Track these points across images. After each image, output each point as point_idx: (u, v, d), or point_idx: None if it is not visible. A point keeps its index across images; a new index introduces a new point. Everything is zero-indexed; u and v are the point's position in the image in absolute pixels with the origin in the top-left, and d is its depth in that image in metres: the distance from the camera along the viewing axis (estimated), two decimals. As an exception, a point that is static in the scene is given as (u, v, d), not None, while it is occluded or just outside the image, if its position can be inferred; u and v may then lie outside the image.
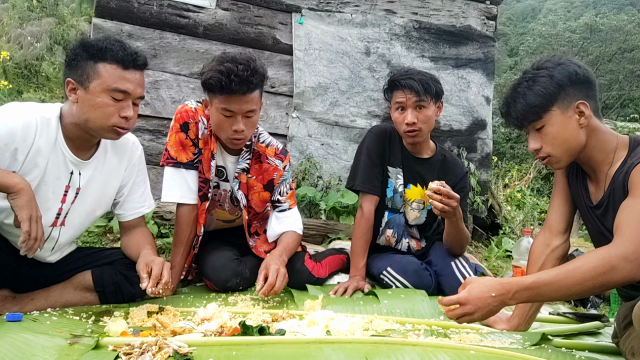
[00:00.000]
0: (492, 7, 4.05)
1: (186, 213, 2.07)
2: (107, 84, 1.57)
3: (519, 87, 1.56)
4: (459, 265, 2.19)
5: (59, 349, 1.31)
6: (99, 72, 1.57)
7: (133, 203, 1.90)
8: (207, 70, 1.90)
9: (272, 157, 2.17)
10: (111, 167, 1.80)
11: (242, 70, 1.83)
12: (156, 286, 1.62)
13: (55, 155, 1.61)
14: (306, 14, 3.62)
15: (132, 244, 1.86)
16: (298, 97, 3.57)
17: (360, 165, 2.36)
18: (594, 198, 1.61)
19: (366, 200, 2.33)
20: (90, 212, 1.80)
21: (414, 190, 2.36)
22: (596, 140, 1.54)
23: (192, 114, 2.05)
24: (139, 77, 1.64)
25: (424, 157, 2.36)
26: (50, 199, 1.64)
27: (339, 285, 2.20)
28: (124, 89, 1.59)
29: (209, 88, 1.90)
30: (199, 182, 2.07)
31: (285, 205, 2.22)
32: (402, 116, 2.22)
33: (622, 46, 17.77)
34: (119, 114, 1.60)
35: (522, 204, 4.57)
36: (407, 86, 2.19)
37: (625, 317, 1.52)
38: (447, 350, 1.45)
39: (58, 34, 7.48)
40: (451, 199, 2.02)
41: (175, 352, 1.27)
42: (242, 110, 1.90)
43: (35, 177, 1.57)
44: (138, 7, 3.31)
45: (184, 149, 2.05)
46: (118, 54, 1.58)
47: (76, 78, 1.59)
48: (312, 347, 1.40)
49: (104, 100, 1.57)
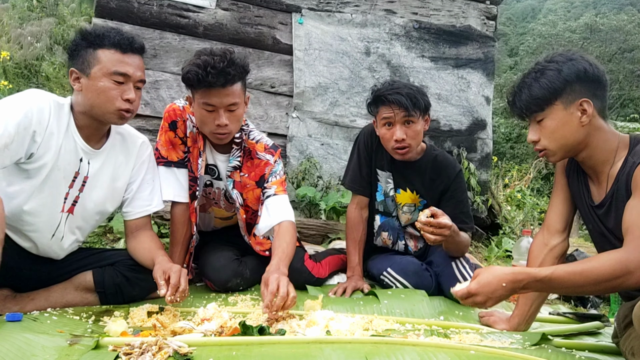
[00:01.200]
0: (492, 7, 4.05)
1: (180, 212, 2.06)
2: (107, 68, 1.62)
3: (527, 77, 1.57)
4: (459, 266, 2.19)
5: (59, 349, 1.31)
6: (99, 57, 1.62)
7: (141, 201, 1.90)
8: (186, 65, 1.89)
9: (262, 152, 2.13)
10: (120, 163, 1.83)
11: (219, 62, 1.81)
12: (174, 294, 1.63)
13: (67, 141, 1.66)
14: (306, 14, 3.62)
15: (142, 248, 1.85)
16: (298, 97, 3.57)
17: (351, 164, 2.38)
18: (595, 198, 1.61)
19: (354, 200, 2.36)
20: (99, 204, 1.80)
21: (404, 195, 2.33)
22: (598, 140, 1.54)
23: (179, 112, 2.04)
24: (137, 60, 1.69)
25: (412, 161, 2.27)
26: (62, 184, 1.68)
27: (338, 285, 2.20)
28: (124, 71, 1.63)
29: (188, 83, 1.89)
30: (188, 181, 2.07)
31: (271, 191, 2.08)
32: (390, 132, 2.13)
33: (622, 46, 17.78)
34: (121, 97, 1.64)
35: (522, 204, 4.57)
36: (394, 102, 2.08)
37: (626, 317, 1.53)
38: (447, 350, 1.45)
39: (58, 34, 7.47)
40: (443, 228, 1.94)
41: (175, 352, 1.27)
42: (223, 104, 1.88)
43: (50, 159, 1.61)
44: (138, 7, 3.31)
45: (174, 148, 2.05)
46: (115, 39, 1.63)
47: (78, 67, 1.64)
48: (312, 347, 1.40)
49: (105, 84, 1.62)
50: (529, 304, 1.79)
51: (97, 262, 1.84)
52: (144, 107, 3.28)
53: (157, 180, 1.98)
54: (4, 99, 1.57)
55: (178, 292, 1.63)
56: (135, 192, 1.89)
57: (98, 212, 1.83)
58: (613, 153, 1.53)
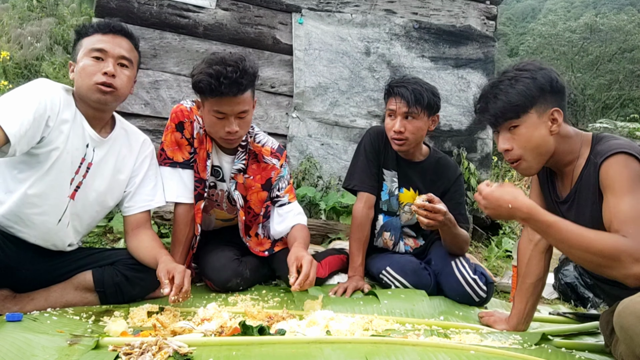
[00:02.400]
0: (492, 7, 4.05)
1: (184, 212, 2.07)
2: (86, 49, 1.72)
3: (501, 84, 1.58)
4: (459, 265, 2.19)
5: (59, 349, 1.32)
6: (83, 43, 1.74)
7: (143, 195, 1.92)
8: (196, 72, 1.90)
9: (268, 156, 2.17)
10: (123, 155, 1.86)
11: (232, 72, 1.83)
12: (177, 294, 1.64)
13: (76, 127, 1.72)
14: (306, 14, 3.62)
15: (144, 247, 1.85)
16: (298, 97, 3.57)
17: (358, 165, 2.37)
18: (561, 193, 1.65)
19: (362, 199, 2.33)
20: (100, 193, 1.82)
21: (406, 194, 2.37)
22: (564, 145, 1.58)
23: (187, 113, 2.05)
24: (118, 39, 1.75)
25: (416, 161, 2.36)
26: (69, 169, 1.71)
27: (339, 285, 2.20)
28: (100, 47, 1.70)
29: (199, 90, 1.91)
30: (194, 182, 2.07)
31: (285, 199, 2.20)
32: (392, 122, 2.22)
33: (622, 46, 17.76)
34: (100, 72, 1.69)
35: (522, 204, 4.56)
36: (398, 94, 2.18)
37: (608, 323, 1.53)
38: (447, 350, 1.46)
39: (58, 34, 7.47)
40: (437, 213, 2.02)
41: (175, 352, 1.27)
42: (234, 112, 1.91)
43: (61, 143, 1.66)
44: (138, 7, 3.31)
45: (180, 149, 2.05)
46: (96, 25, 1.75)
47: (73, 58, 1.77)
48: (312, 347, 1.40)
49: (85, 62, 1.70)
50: (524, 301, 1.80)
51: (96, 262, 1.84)
52: (144, 107, 3.28)
53: (160, 177, 2.00)
54: (16, 88, 1.64)
55: (181, 293, 1.64)
56: (137, 186, 1.90)
57: (98, 203, 1.84)
58: (577, 153, 1.57)
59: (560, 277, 2.58)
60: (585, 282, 2.50)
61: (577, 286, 2.49)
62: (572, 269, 2.56)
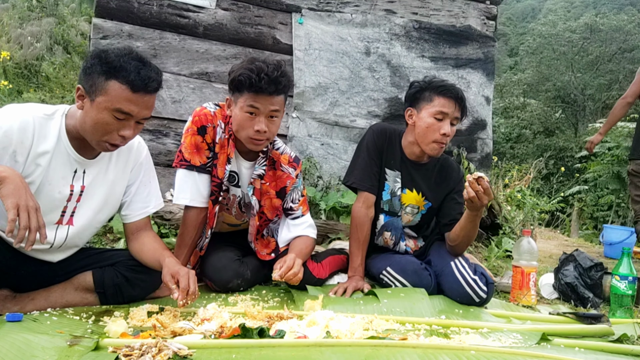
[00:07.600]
0: (492, 7, 4.05)
1: (194, 216, 2.07)
2: (111, 103, 1.54)
3: None
4: (459, 265, 2.19)
5: (58, 349, 1.31)
6: (107, 89, 1.54)
7: (140, 203, 1.88)
8: (237, 69, 1.93)
9: (285, 164, 2.18)
10: (118, 168, 1.80)
11: (272, 70, 1.88)
12: (185, 298, 1.64)
13: (59, 155, 1.61)
14: (306, 14, 3.62)
15: (147, 250, 1.83)
16: (298, 97, 3.57)
17: (359, 162, 2.33)
18: None
19: (360, 198, 2.31)
20: (97, 211, 1.78)
21: (409, 195, 2.34)
22: None
23: (210, 117, 2.04)
24: (147, 99, 1.61)
25: (421, 163, 2.33)
26: (57, 199, 1.64)
27: (339, 285, 2.20)
28: (127, 110, 1.56)
29: (237, 86, 1.93)
30: (212, 186, 2.07)
31: (298, 212, 2.23)
32: (438, 125, 2.17)
33: (622, 46, 17.74)
34: (117, 132, 1.58)
35: (522, 204, 4.56)
36: (453, 97, 2.17)
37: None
38: (448, 351, 1.46)
39: (58, 34, 7.48)
40: (487, 195, 1.98)
41: (175, 354, 1.27)
42: (267, 109, 1.92)
43: (37, 177, 1.57)
44: (138, 7, 3.31)
45: (199, 152, 2.04)
46: (130, 75, 1.53)
47: (86, 87, 1.56)
48: (312, 350, 1.40)
49: (105, 117, 1.55)
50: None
51: (97, 263, 1.84)
52: (144, 107, 3.28)
53: (154, 180, 1.94)
54: None
55: (188, 295, 1.64)
56: (133, 194, 1.86)
57: (96, 220, 1.80)
58: None
59: (560, 277, 2.57)
60: (585, 282, 2.50)
61: (577, 286, 2.48)
62: (572, 269, 2.56)
